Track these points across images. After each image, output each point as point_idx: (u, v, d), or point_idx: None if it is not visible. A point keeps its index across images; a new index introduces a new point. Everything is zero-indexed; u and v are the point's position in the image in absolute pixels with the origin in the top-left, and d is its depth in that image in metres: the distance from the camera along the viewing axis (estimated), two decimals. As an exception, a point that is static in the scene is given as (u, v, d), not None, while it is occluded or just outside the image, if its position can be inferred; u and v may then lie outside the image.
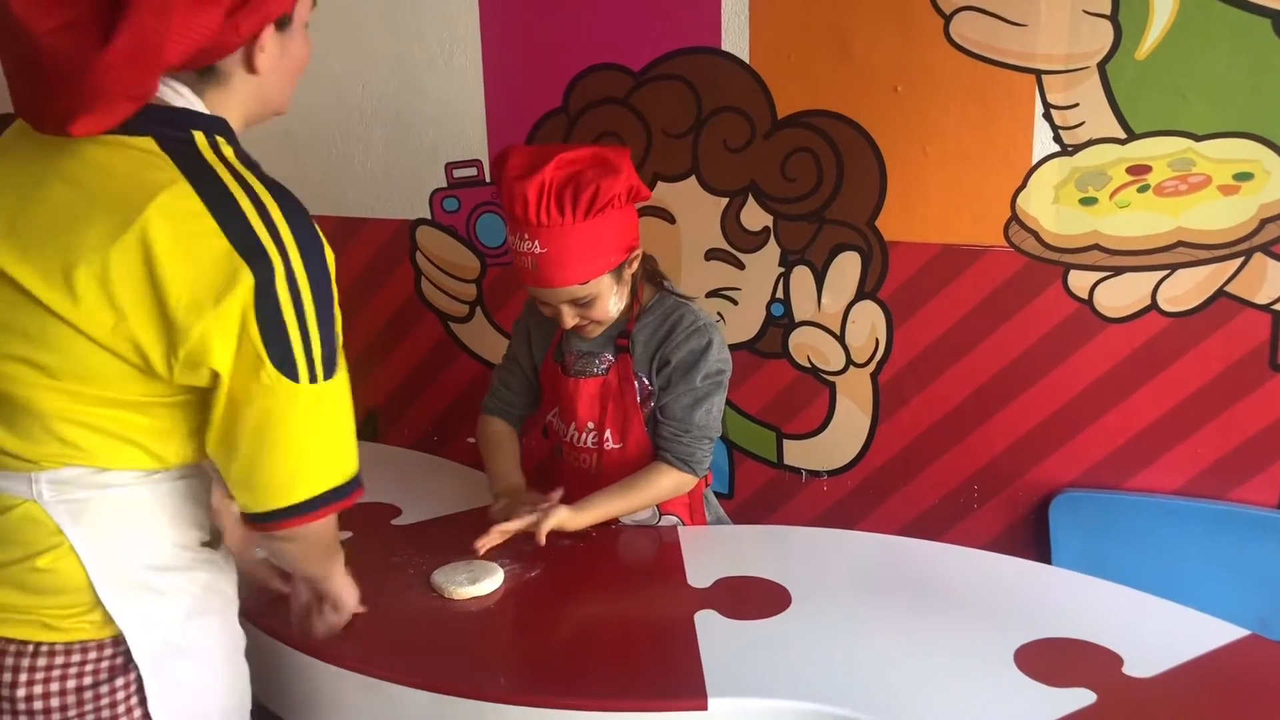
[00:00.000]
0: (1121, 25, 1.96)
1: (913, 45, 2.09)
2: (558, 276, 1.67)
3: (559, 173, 1.63)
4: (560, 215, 1.63)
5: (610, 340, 1.82)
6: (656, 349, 1.79)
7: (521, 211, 1.63)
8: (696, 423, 1.77)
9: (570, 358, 1.85)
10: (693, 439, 1.77)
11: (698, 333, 1.77)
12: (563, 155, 1.64)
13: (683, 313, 1.80)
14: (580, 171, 1.63)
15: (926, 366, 2.25)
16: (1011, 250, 2.13)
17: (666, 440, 1.78)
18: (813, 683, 1.37)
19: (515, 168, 1.66)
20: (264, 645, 1.54)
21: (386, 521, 1.87)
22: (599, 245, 1.67)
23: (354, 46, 2.51)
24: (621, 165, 1.67)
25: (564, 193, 1.62)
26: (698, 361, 1.76)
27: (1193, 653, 1.41)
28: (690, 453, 1.77)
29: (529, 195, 1.61)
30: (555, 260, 1.65)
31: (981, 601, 1.57)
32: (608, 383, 1.81)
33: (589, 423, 1.83)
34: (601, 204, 1.63)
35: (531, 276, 1.69)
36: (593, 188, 1.62)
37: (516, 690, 1.39)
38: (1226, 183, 1.97)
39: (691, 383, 1.76)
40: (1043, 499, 2.23)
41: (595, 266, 1.68)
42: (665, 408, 1.78)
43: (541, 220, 1.63)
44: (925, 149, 2.14)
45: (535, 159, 1.65)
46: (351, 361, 2.94)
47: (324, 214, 2.66)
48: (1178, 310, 2.07)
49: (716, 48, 2.22)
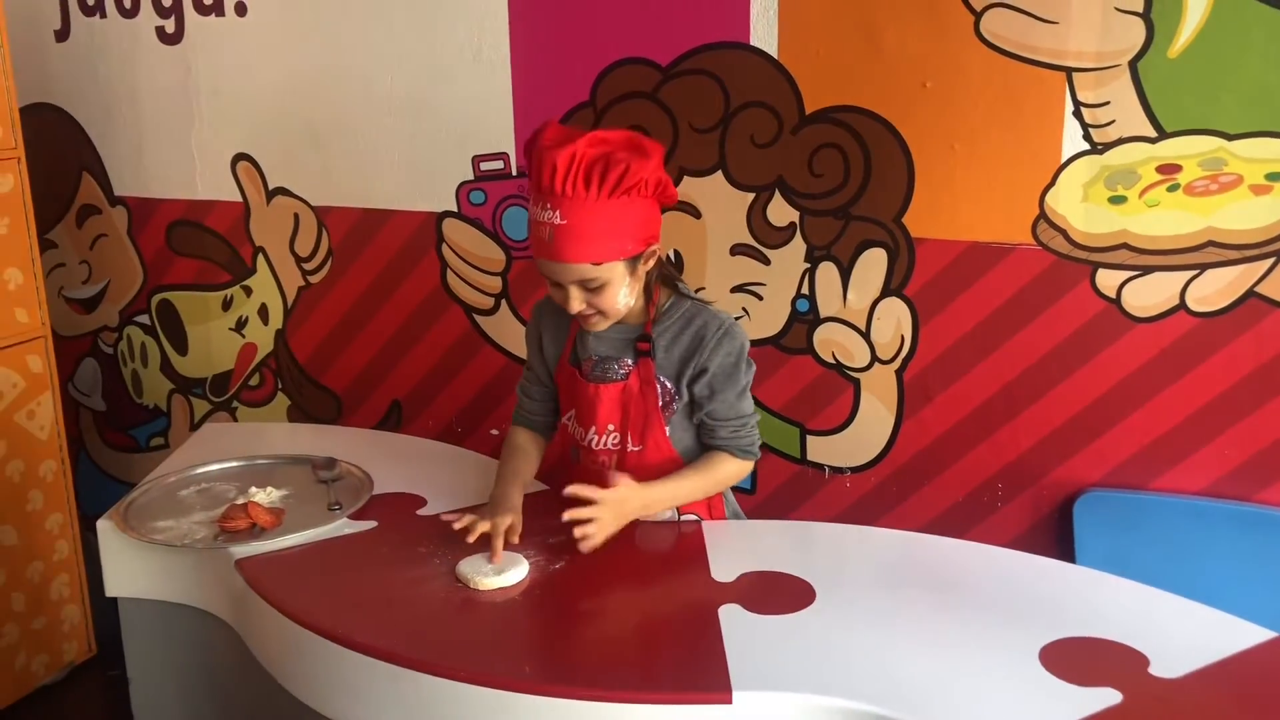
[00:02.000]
0: (1154, 23, 1.95)
1: (942, 41, 2.08)
2: (572, 251, 1.66)
3: (591, 149, 1.63)
4: (585, 189, 1.63)
5: (629, 343, 1.81)
6: (688, 358, 1.78)
7: (549, 179, 1.64)
8: (745, 411, 1.81)
9: (588, 363, 1.84)
10: (748, 429, 1.81)
11: (728, 336, 1.78)
12: (598, 133, 1.66)
13: (706, 318, 1.79)
14: (612, 151, 1.64)
15: (952, 364, 2.25)
16: (1039, 248, 2.12)
17: (726, 439, 1.80)
18: (837, 678, 1.37)
19: (550, 137, 1.67)
20: (291, 632, 1.55)
21: (412, 512, 1.88)
22: (618, 227, 1.67)
23: (381, 39, 2.52)
24: (654, 153, 1.67)
25: (593, 167, 1.63)
26: (737, 363, 1.78)
27: (1219, 654, 1.40)
28: (751, 442, 1.82)
29: (559, 163, 1.62)
30: (573, 234, 1.65)
31: (1005, 600, 1.57)
32: (629, 387, 1.80)
33: (609, 425, 1.82)
34: (628, 185, 1.63)
35: (546, 248, 1.68)
36: (621, 167, 1.62)
37: (541, 681, 1.40)
38: (1258, 182, 1.96)
39: (736, 383, 1.78)
40: (1067, 498, 2.22)
41: (611, 249, 1.67)
42: (714, 411, 1.79)
43: (566, 191, 1.63)
44: (954, 146, 2.13)
45: (571, 133, 1.67)
46: (377, 352, 2.99)
47: (350, 206, 2.68)
48: (1206, 310, 2.05)
49: (745, 43, 2.22)
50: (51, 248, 3.03)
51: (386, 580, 1.65)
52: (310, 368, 2.86)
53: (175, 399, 3.04)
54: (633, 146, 1.66)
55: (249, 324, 2.89)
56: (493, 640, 1.50)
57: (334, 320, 2.79)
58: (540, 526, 1.75)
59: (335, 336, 2.80)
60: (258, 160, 2.74)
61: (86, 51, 2.82)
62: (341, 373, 2.82)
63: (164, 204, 2.87)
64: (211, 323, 2.93)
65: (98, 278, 3.03)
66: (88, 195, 2.95)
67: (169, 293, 2.95)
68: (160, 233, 2.90)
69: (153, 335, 3.00)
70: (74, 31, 2.82)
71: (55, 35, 2.83)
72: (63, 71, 2.86)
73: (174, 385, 3.02)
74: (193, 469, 2.04)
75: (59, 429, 2.55)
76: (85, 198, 2.96)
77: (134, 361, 3.05)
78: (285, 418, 2.93)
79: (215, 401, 3.00)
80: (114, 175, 2.90)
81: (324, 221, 2.72)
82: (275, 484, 1.95)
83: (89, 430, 3.19)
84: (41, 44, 2.85)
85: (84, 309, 3.07)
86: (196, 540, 1.78)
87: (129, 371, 3.07)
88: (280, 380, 2.91)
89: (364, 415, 2.83)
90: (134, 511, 1.88)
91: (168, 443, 3.07)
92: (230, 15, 2.65)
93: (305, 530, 1.78)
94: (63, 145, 2.92)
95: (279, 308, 2.84)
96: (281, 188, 2.74)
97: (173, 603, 1.86)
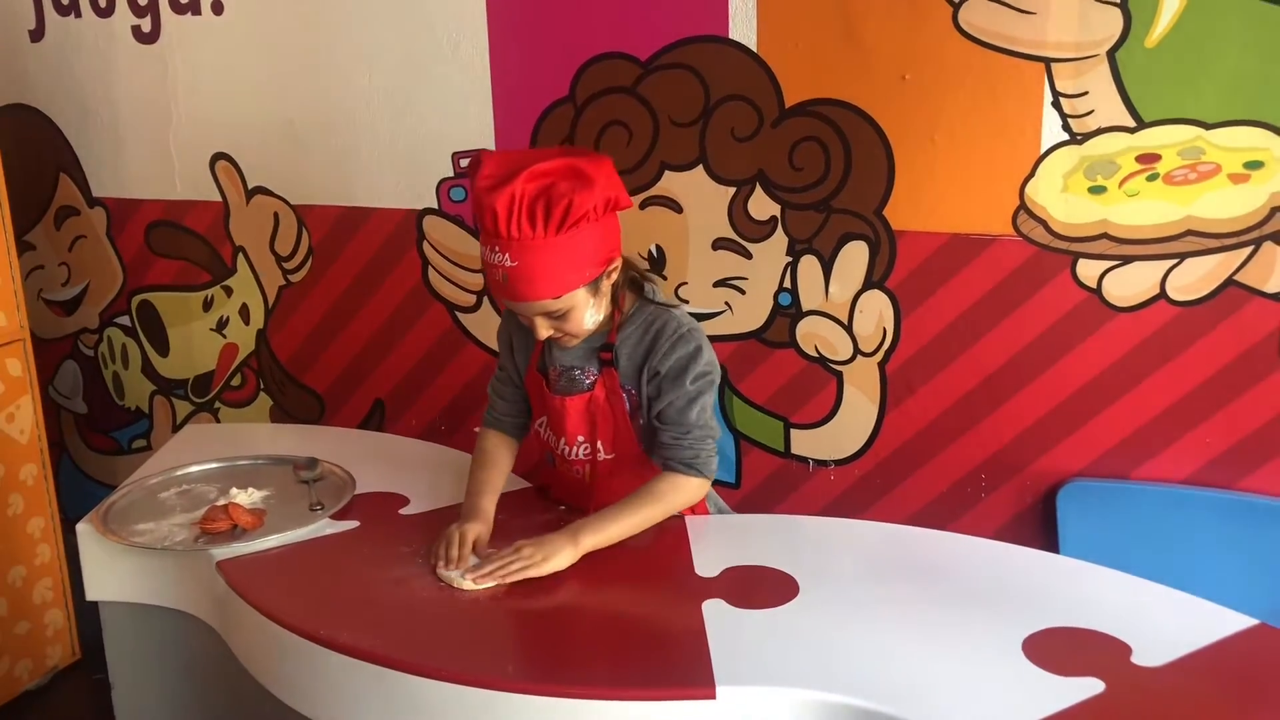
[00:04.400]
0: (1131, 13, 1.95)
1: (921, 33, 2.08)
2: (529, 291, 1.61)
3: (530, 185, 1.56)
4: (531, 229, 1.56)
5: (593, 353, 1.77)
6: (644, 360, 1.74)
7: (491, 224, 1.58)
8: (694, 422, 1.72)
9: (554, 373, 1.80)
10: (694, 440, 1.72)
11: (683, 339, 1.72)
12: (535, 166, 1.57)
13: (665, 320, 1.74)
14: (553, 184, 1.56)
15: (934, 356, 2.25)
16: (1020, 239, 2.12)
17: (668, 446, 1.73)
18: (820, 671, 1.37)
19: (486, 178, 1.59)
20: (273, 634, 1.55)
21: (394, 511, 1.87)
22: (572, 260, 1.61)
23: (361, 36, 2.51)
24: (597, 177, 1.58)
25: (535, 206, 1.56)
26: (687, 366, 1.71)
27: (1202, 642, 1.41)
28: (694, 454, 1.73)
29: (498, 208, 1.55)
30: (526, 275, 1.59)
31: (989, 591, 1.57)
32: (594, 398, 1.77)
33: (579, 437, 1.80)
34: (574, 219, 1.57)
35: (502, 289, 1.63)
36: (565, 202, 1.55)
37: (525, 679, 1.39)
38: (1237, 171, 1.96)
39: (682, 385, 1.71)
40: (1051, 488, 2.23)
41: (568, 281, 1.62)
42: (661, 414, 1.73)
43: (512, 234, 1.56)
44: (933, 138, 2.13)
45: (507, 168, 1.59)
46: (359, 351, 2.97)
47: (331, 204, 2.66)
48: (1187, 299, 2.06)
49: (724, 36, 2.22)
50: (30, 250, 3.01)
51: (369, 580, 1.64)
52: (292, 367, 2.84)
53: (157, 400, 3.02)
54: (574, 175, 1.58)
55: (230, 324, 2.87)
56: (475, 639, 1.50)
57: (315, 319, 2.77)
58: (522, 524, 1.74)
59: (317, 336, 2.79)
60: (236, 159, 2.72)
61: (62, 51, 2.80)
62: (323, 372, 2.81)
63: (143, 204, 2.85)
64: (192, 323, 2.91)
65: (77, 279, 3.00)
66: (66, 196, 2.93)
67: (149, 294, 2.93)
68: (139, 233, 2.88)
69: (133, 337, 2.99)
70: (49, 31, 2.79)
71: (30, 35, 2.81)
72: (38, 72, 2.84)
73: (155, 387, 3.01)
74: (174, 471, 2.03)
75: (39, 432, 2.53)
76: (63, 199, 2.94)
77: (115, 363, 3.04)
78: (268, 418, 2.92)
79: (197, 402, 2.98)
80: (92, 176, 2.88)
81: (304, 220, 2.70)
82: (257, 485, 1.94)
83: (70, 433, 3.17)
84: (16, 44, 2.83)
85: (64, 311, 3.05)
86: (177, 542, 1.77)
87: (110, 373, 3.05)
88: (262, 380, 2.89)
89: (347, 415, 2.82)
90: (114, 514, 1.87)
91: (150, 444, 3.06)
92: (207, 14, 2.63)
93: (287, 531, 1.77)
94: (39, 146, 2.90)
95: (260, 307, 2.82)
96: (261, 187, 2.72)
97: (154, 605, 1.85)
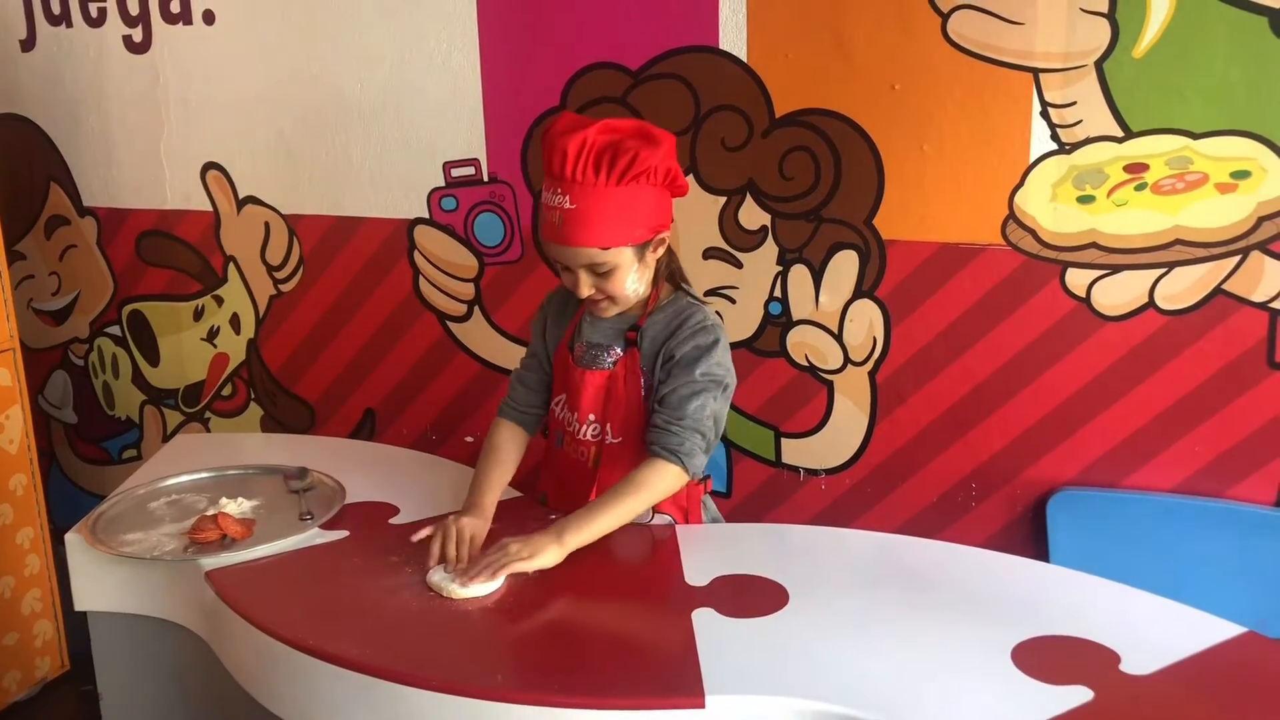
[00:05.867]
0: (1119, 23, 1.96)
1: (910, 43, 2.09)
2: (581, 235, 1.69)
3: (601, 136, 1.67)
4: (595, 175, 1.66)
5: (620, 333, 1.82)
6: (663, 343, 1.78)
7: (559, 165, 1.67)
8: (689, 414, 1.73)
9: (580, 348, 1.85)
10: (683, 429, 1.72)
11: (704, 330, 1.77)
12: (609, 121, 1.69)
13: (693, 311, 1.80)
14: (622, 139, 1.67)
15: (924, 365, 2.25)
16: (1009, 249, 2.13)
17: (657, 430, 1.74)
18: (810, 680, 1.37)
19: (562, 124, 1.70)
20: (263, 644, 1.54)
21: (384, 521, 1.86)
22: (627, 213, 1.69)
23: (352, 46, 2.51)
24: (663, 141, 1.70)
25: (603, 154, 1.66)
26: (700, 358, 1.74)
27: (1190, 650, 1.41)
28: (679, 443, 1.72)
29: (569, 150, 1.65)
30: (581, 219, 1.67)
31: (978, 599, 1.57)
32: (614, 375, 1.80)
33: (590, 415, 1.82)
34: (636, 172, 1.66)
35: (556, 232, 1.70)
36: (630, 154, 1.65)
37: (514, 688, 1.39)
38: (1224, 181, 1.97)
39: (690, 375, 1.74)
40: (1040, 497, 2.23)
41: (619, 234, 1.70)
42: (662, 399, 1.76)
43: (576, 177, 1.66)
44: (923, 147, 2.14)
45: (583, 121, 1.70)
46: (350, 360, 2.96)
47: (321, 214, 2.66)
48: (1175, 308, 2.07)
49: (714, 46, 2.23)
50: (20, 259, 3.00)
51: (358, 590, 1.64)
52: (283, 377, 2.84)
53: (147, 410, 3.01)
54: (642, 135, 1.70)
55: (221, 334, 2.87)
56: (465, 648, 1.49)
57: (306, 329, 2.77)
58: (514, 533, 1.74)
59: (307, 345, 2.78)
60: (227, 169, 2.72)
61: (53, 61, 2.80)
62: (314, 382, 2.81)
63: (133, 214, 2.85)
64: (183, 333, 2.91)
65: (67, 289, 3.00)
66: (56, 206, 2.93)
67: (140, 303, 2.93)
68: (130, 243, 2.88)
69: (124, 346, 2.98)
70: (40, 41, 2.79)
71: (20, 45, 2.81)
72: (29, 81, 2.84)
73: (146, 396, 3.00)
74: (163, 480, 2.02)
75: (29, 442, 2.52)
76: (54, 208, 2.93)
77: (105, 373, 3.03)
78: (258, 428, 2.91)
79: (188, 412, 2.98)
80: (83, 185, 2.88)
81: (295, 230, 2.70)
82: (246, 494, 1.93)
83: (60, 443, 3.16)
84: (6, 54, 2.83)
85: (54, 321, 3.04)
86: (166, 552, 1.77)
87: (100, 383, 3.04)
88: (253, 390, 2.89)
89: (337, 424, 2.81)
90: (103, 524, 1.86)
91: (140, 454, 3.05)
92: (198, 24, 2.63)
93: (276, 541, 1.76)
94: (30, 156, 2.90)
95: (251, 317, 2.82)
96: (252, 196, 2.72)
97: (143, 616, 1.84)
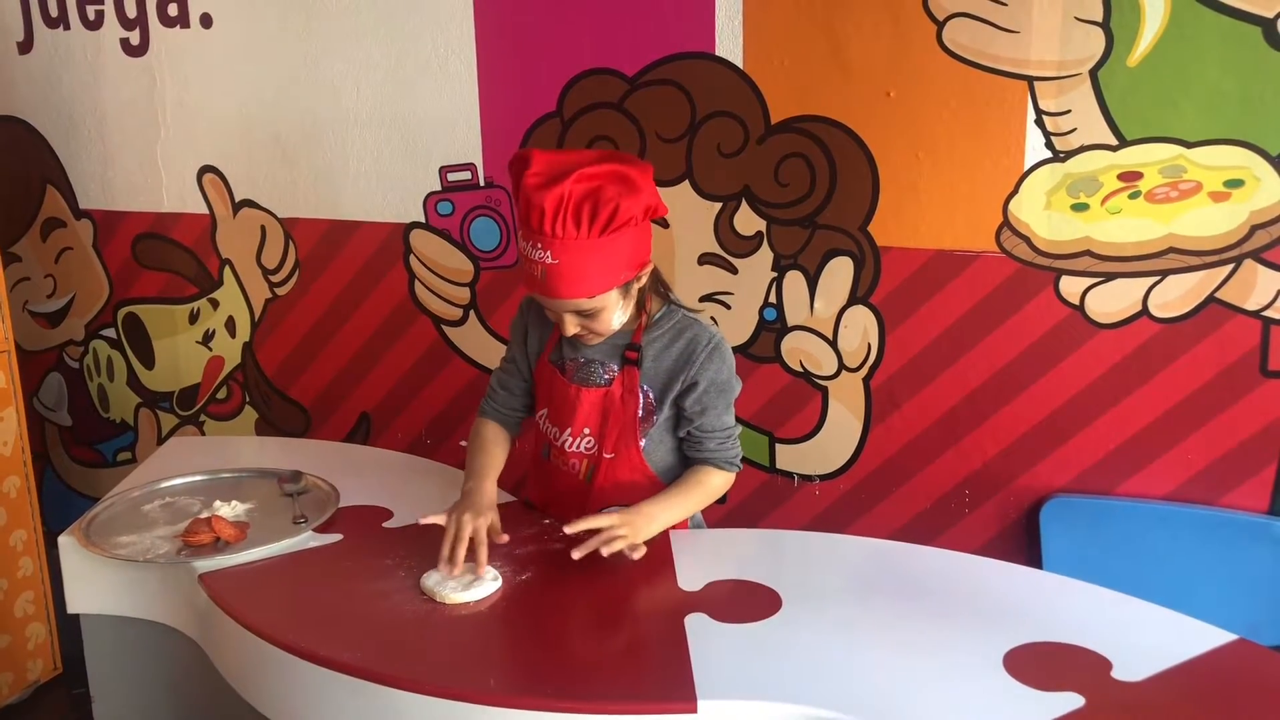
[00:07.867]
0: (1113, 32, 1.97)
1: (906, 51, 2.10)
2: (565, 289, 1.65)
3: (579, 186, 1.60)
4: (575, 230, 1.60)
5: (617, 350, 1.80)
6: (677, 372, 1.78)
7: (537, 222, 1.61)
8: (730, 424, 1.83)
9: (571, 365, 1.83)
10: (733, 441, 1.83)
11: (718, 351, 1.78)
12: (584, 169, 1.61)
13: (696, 331, 1.79)
14: (601, 187, 1.60)
15: (918, 372, 2.26)
16: (1003, 256, 2.14)
17: (713, 451, 1.82)
18: (802, 686, 1.37)
19: (535, 175, 1.63)
20: (256, 647, 1.54)
21: (378, 524, 1.86)
22: (610, 262, 1.65)
23: (349, 51, 2.52)
24: (643, 184, 1.64)
25: (582, 208, 1.60)
26: (728, 380, 1.80)
27: (1181, 657, 1.41)
28: (736, 454, 1.84)
29: (546, 207, 1.59)
30: (565, 273, 1.63)
31: (971, 606, 1.57)
32: (610, 394, 1.79)
33: (585, 429, 1.82)
34: (619, 223, 1.61)
35: (539, 285, 1.66)
36: (612, 206, 1.59)
37: (507, 693, 1.39)
38: (1217, 189, 1.98)
39: (725, 397, 1.80)
40: (1034, 504, 2.24)
41: (604, 282, 1.66)
42: (704, 425, 1.80)
43: (556, 232, 1.60)
44: (918, 155, 2.14)
45: (556, 168, 1.63)
46: (345, 364, 2.95)
47: (317, 217, 2.67)
48: (1168, 316, 2.07)
49: (710, 53, 2.23)
50: (15, 261, 3.00)
51: (351, 594, 1.64)
52: (278, 380, 2.84)
53: (142, 413, 3.01)
54: (621, 180, 1.63)
55: (216, 337, 2.87)
56: (457, 652, 1.49)
57: (301, 332, 2.77)
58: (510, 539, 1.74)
59: (303, 349, 2.78)
60: (224, 172, 2.73)
61: (50, 63, 2.80)
62: (309, 385, 2.81)
63: (129, 217, 2.85)
64: (178, 336, 2.91)
65: (63, 291, 3.00)
66: (52, 208, 2.93)
67: (135, 306, 2.93)
68: (126, 246, 2.88)
69: (119, 349, 2.98)
70: (37, 43, 2.79)
71: (18, 47, 2.81)
72: (26, 83, 2.84)
73: (141, 399, 3.00)
74: (157, 483, 2.02)
75: (23, 444, 2.52)
76: (50, 211, 2.93)
77: (100, 376, 3.03)
78: (253, 431, 2.91)
79: (182, 415, 2.97)
80: (79, 188, 2.88)
81: (291, 233, 2.70)
82: (240, 498, 1.93)
83: (55, 446, 3.16)
84: (4, 56, 2.83)
85: (49, 323, 3.04)
86: (160, 555, 1.76)
87: (95, 386, 3.04)
88: (248, 393, 2.89)
89: (332, 428, 2.81)
90: (96, 527, 1.86)
91: (135, 457, 3.05)
92: (195, 27, 2.64)
93: (270, 544, 1.76)
94: (26, 158, 2.90)
95: (246, 320, 2.82)
96: (248, 200, 2.72)
97: (136, 618, 1.84)
